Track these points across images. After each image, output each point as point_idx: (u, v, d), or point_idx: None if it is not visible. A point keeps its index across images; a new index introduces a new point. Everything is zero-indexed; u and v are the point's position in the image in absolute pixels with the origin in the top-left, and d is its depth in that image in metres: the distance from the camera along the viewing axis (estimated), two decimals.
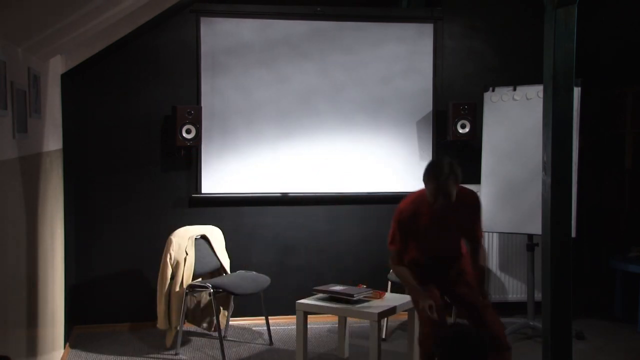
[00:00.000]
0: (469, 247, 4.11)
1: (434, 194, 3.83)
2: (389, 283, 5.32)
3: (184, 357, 4.91)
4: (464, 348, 2.59)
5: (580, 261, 6.06)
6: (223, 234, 5.42)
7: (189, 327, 5.35)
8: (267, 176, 5.69)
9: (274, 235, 5.79)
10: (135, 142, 5.55)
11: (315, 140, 5.76)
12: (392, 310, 4.52)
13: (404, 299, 4.72)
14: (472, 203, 4.06)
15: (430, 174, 3.84)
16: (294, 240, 5.82)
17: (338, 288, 4.66)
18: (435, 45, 5.90)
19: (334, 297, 4.57)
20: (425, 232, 4.00)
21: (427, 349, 3.87)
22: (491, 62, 6.02)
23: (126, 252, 5.55)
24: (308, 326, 4.65)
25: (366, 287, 4.71)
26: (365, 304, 4.48)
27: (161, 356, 4.93)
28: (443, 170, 3.80)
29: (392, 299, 4.69)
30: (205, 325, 5.30)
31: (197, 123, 5.35)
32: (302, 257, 5.83)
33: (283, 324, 5.64)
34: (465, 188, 4.04)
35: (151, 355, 4.93)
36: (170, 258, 4.98)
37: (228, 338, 5.33)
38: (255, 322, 5.64)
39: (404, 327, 5.41)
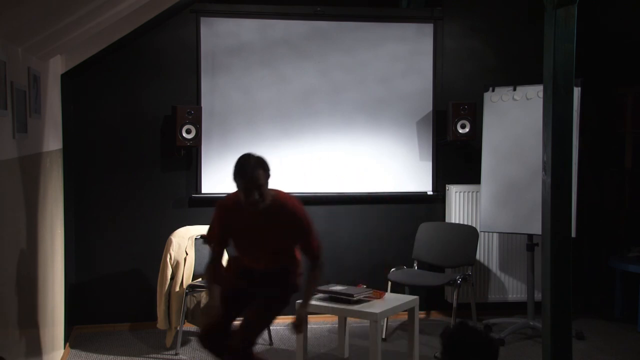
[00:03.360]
0: (308, 262, 3.83)
1: (243, 187, 3.56)
2: (389, 283, 5.32)
3: (184, 357, 4.91)
4: (470, 346, 2.57)
5: (580, 261, 6.06)
6: None
7: (189, 327, 5.35)
8: None
9: None
10: (135, 142, 5.55)
11: (315, 140, 5.76)
12: (392, 310, 4.52)
13: (404, 299, 4.73)
14: (293, 210, 3.72)
15: (238, 166, 3.60)
16: None
17: (338, 288, 4.66)
18: (435, 45, 5.90)
19: (334, 297, 4.57)
20: (240, 235, 3.78)
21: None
22: (491, 62, 6.02)
23: (126, 252, 5.55)
24: (308, 326, 4.65)
25: (366, 287, 4.71)
26: (365, 304, 4.49)
27: (161, 356, 4.93)
28: (249, 162, 3.58)
29: (392, 299, 4.69)
30: None
31: (197, 123, 5.35)
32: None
33: (283, 324, 5.64)
34: (287, 195, 3.77)
35: (151, 355, 4.93)
36: (170, 258, 4.98)
37: None
38: None
39: (404, 327, 5.42)
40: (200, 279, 5.13)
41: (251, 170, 3.54)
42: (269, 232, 3.73)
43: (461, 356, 2.54)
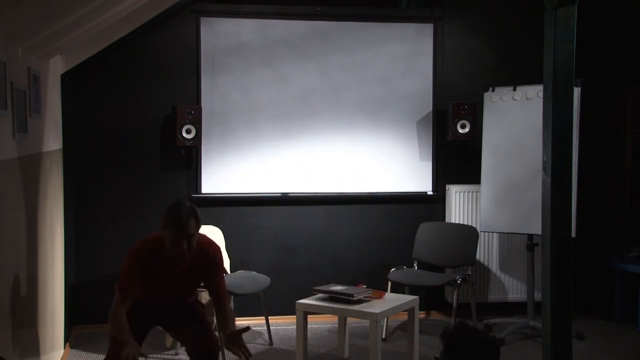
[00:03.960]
0: (215, 308, 3.72)
1: (174, 237, 3.43)
2: (389, 283, 5.32)
3: (184, 357, 4.91)
4: (471, 346, 2.57)
5: (580, 261, 6.06)
6: (223, 234, 5.42)
7: None
8: (267, 176, 5.70)
9: (274, 235, 5.79)
10: (135, 142, 5.55)
11: (315, 140, 5.76)
12: (392, 310, 4.52)
13: (404, 299, 4.73)
14: (214, 255, 3.66)
15: (171, 214, 3.45)
16: (294, 240, 5.82)
17: (338, 288, 4.66)
18: (435, 45, 5.90)
19: (334, 297, 4.57)
20: (154, 283, 3.59)
21: None
22: (491, 62, 6.02)
23: (126, 252, 5.53)
24: (308, 326, 4.65)
25: (366, 287, 4.71)
26: (365, 304, 4.49)
27: (161, 356, 4.93)
28: (184, 210, 3.44)
29: (392, 299, 4.69)
30: None
31: (197, 123, 5.35)
32: (302, 257, 5.83)
33: (283, 324, 5.65)
34: (208, 239, 3.69)
35: (151, 356, 4.93)
36: None
37: None
38: (255, 322, 5.64)
39: (404, 327, 5.42)
40: None
41: (185, 219, 3.41)
42: (187, 280, 3.67)
43: (461, 356, 2.53)
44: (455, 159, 5.97)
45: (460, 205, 5.85)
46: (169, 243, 3.46)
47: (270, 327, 5.30)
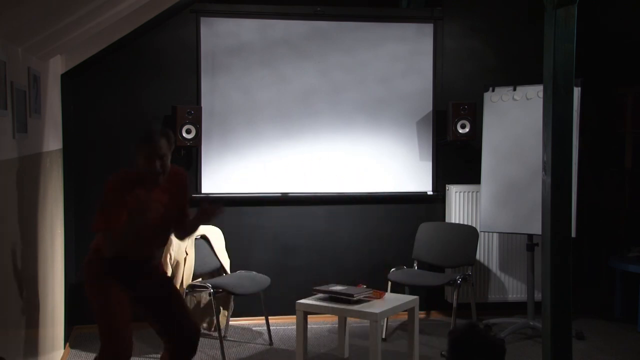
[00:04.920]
0: (180, 225, 3.71)
1: (148, 158, 3.43)
2: (389, 283, 5.32)
3: None
4: (476, 347, 2.57)
5: (580, 261, 6.06)
6: (223, 234, 5.43)
7: None
8: (267, 176, 5.70)
9: (274, 235, 5.79)
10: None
11: (315, 140, 5.76)
12: (392, 310, 4.52)
13: (404, 299, 4.73)
14: (186, 176, 3.74)
15: (143, 137, 3.49)
16: (294, 240, 5.82)
17: (338, 288, 4.66)
18: (435, 45, 5.90)
19: (334, 297, 4.57)
20: (136, 215, 3.41)
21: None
22: (491, 62, 6.02)
23: None
24: (308, 326, 4.65)
25: (366, 287, 4.71)
26: (365, 304, 4.49)
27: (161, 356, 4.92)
28: (154, 131, 3.51)
29: (392, 299, 4.69)
30: (205, 325, 5.30)
31: (197, 123, 5.35)
32: (302, 257, 5.83)
33: (283, 324, 5.65)
34: (176, 166, 3.66)
35: (151, 356, 4.93)
36: (170, 258, 4.98)
37: (228, 338, 5.33)
38: (255, 322, 5.64)
39: (404, 327, 5.42)
40: (200, 279, 5.14)
41: (157, 138, 3.47)
42: (166, 207, 3.56)
43: (466, 356, 2.54)
44: (455, 159, 5.97)
45: (460, 205, 5.85)
46: (141, 164, 3.46)
47: (270, 327, 5.30)
